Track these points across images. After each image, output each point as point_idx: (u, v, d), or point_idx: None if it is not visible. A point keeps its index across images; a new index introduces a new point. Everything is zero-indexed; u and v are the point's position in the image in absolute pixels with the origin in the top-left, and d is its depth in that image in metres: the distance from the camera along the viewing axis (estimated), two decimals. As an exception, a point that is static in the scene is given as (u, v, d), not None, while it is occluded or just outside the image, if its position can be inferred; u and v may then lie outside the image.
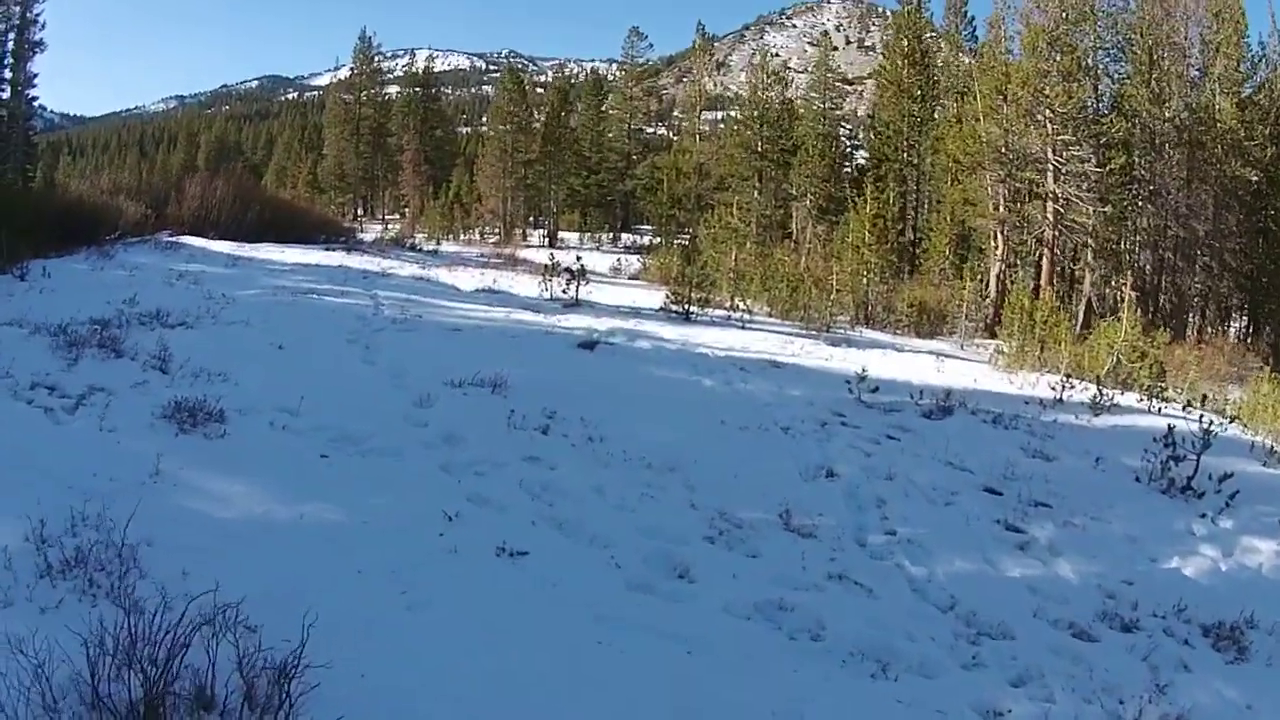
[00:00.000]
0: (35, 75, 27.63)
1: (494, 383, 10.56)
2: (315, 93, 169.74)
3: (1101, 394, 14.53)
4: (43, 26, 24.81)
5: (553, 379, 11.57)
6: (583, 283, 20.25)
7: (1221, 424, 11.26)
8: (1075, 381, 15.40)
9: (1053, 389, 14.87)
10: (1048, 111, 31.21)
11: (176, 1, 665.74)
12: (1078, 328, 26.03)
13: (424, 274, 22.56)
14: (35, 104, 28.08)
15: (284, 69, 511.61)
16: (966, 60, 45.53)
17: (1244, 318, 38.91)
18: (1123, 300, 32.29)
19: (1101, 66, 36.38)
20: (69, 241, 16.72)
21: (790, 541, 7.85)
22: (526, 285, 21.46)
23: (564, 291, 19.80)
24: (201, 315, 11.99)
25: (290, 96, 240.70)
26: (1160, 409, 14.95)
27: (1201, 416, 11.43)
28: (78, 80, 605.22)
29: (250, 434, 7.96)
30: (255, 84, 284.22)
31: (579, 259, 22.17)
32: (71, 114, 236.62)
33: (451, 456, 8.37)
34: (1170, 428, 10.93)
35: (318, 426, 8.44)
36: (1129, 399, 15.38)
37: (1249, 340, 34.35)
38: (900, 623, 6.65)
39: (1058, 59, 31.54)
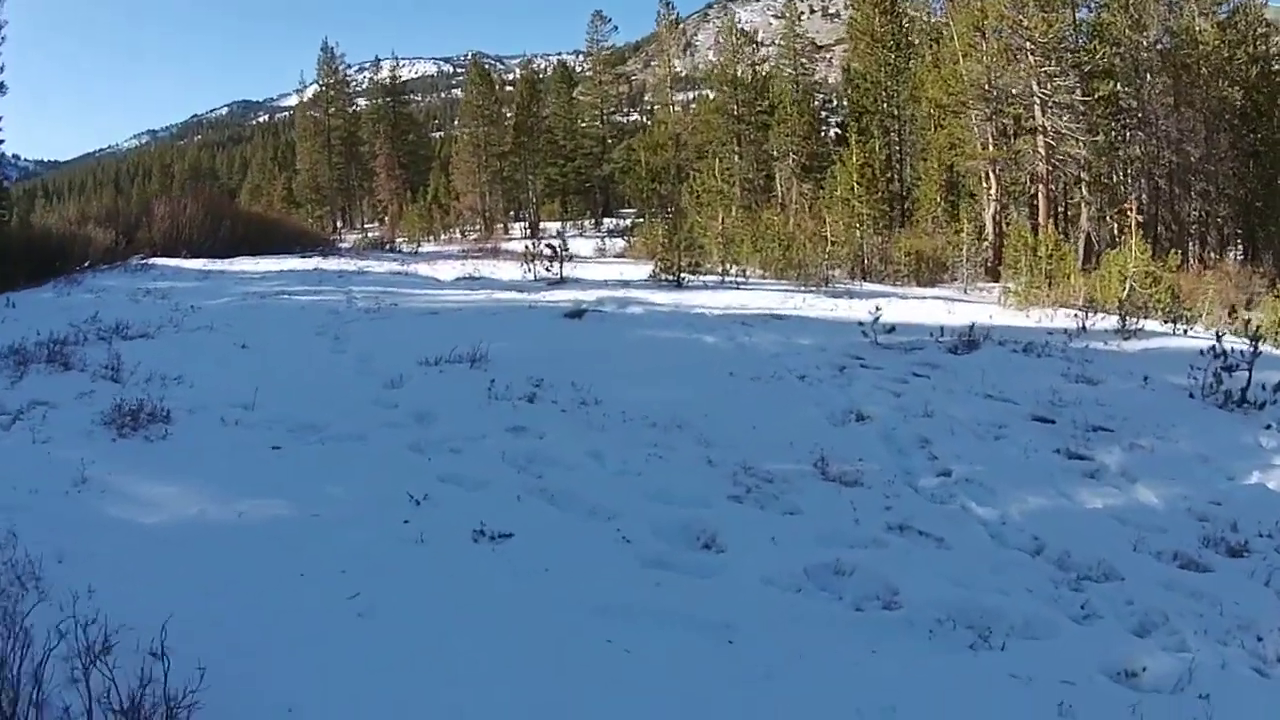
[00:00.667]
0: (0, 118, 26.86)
1: (472, 357, 9.50)
2: (286, 113, 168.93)
3: (1125, 320, 13.97)
4: (1, 69, 23.92)
5: (538, 349, 10.52)
6: (567, 260, 19.41)
7: (1253, 342, 10.35)
8: (1091, 313, 14.65)
9: (1076, 317, 14.18)
10: (1028, 44, 30.51)
11: (139, 38, 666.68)
12: (1079, 263, 25.18)
13: (402, 269, 21.88)
14: (1, 146, 27.16)
15: (253, 93, 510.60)
16: (937, 5, 45.12)
17: (1239, 245, 38.45)
18: (1122, 233, 32.06)
19: (1077, -5, 35.17)
20: (37, 274, 15.97)
21: (833, 492, 6.75)
22: (509, 271, 20.71)
23: (548, 270, 18.85)
24: (164, 325, 11.17)
25: (262, 120, 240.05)
26: (1186, 331, 14.32)
27: (1234, 333, 10.72)
28: (49, 127, 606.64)
29: (196, 432, 7.03)
30: (225, 111, 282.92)
31: (563, 240, 21.20)
32: (45, 160, 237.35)
33: (423, 435, 7.28)
34: (1219, 335, 10.43)
35: (274, 419, 7.49)
36: (1151, 325, 14.69)
37: (1250, 265, 33.61)
38: (986, 576, 5.55)
39: (1033, -12, 30.47)
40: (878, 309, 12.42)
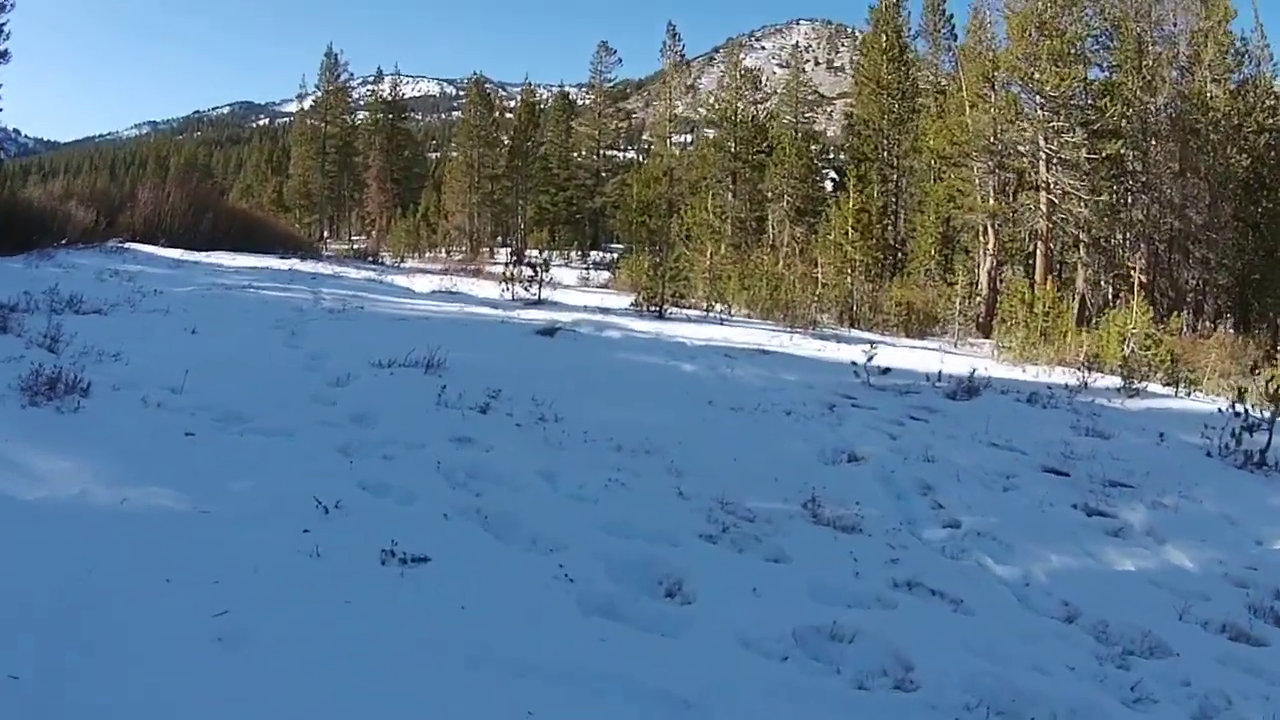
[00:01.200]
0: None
1: (429, 363, 8.60)
2: (286, 119, 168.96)
3: (1129, 379, 13.66)
4: (7, 36, 23.24)
5: (502, 362, 9.62)
6: (548, 284, 18.68)
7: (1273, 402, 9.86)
8: (1090, 371, 14.45)
9: (1076, 374, 13.86)
10: (1038, 98, 29.92)
11: (150, 20, 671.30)
12: (1072, 324, 24.81)
13: (378, 278, 21.13)
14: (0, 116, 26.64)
15: (256, 95, 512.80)
16: (945, 58, 44.80)
17: (1230, 316, 38.17)
18: (1117, 296, 31.70)
19: (1090, 54, 34.98)
20: (14, 247, 15.44)
21: (827, 538, 5.81)
22: (488, 289, 19.96)
23: (526, 291, 18.06)
24: (120, 304, 10.45)
25: (262, 122, 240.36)
26: (1188, 394, 14.19)
27: (1242, 396, 10.19)
28: (53, 104, 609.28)
29: (112, 410, 6.18)
30: (228, 110, 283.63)
31: (545, 260, 20.49)
32: (46, 139, 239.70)
33: (356, 437, 6.35)
34: (1241, 392, 10.21)
35: (201, 405, 6.62)
36: (1153, 387, 14.36)
37: (1244, 336, 33.30)
38: (1016, 647, 4.62)
39: (1047, 43, 30.34)
40: (872, 347, 11.71)
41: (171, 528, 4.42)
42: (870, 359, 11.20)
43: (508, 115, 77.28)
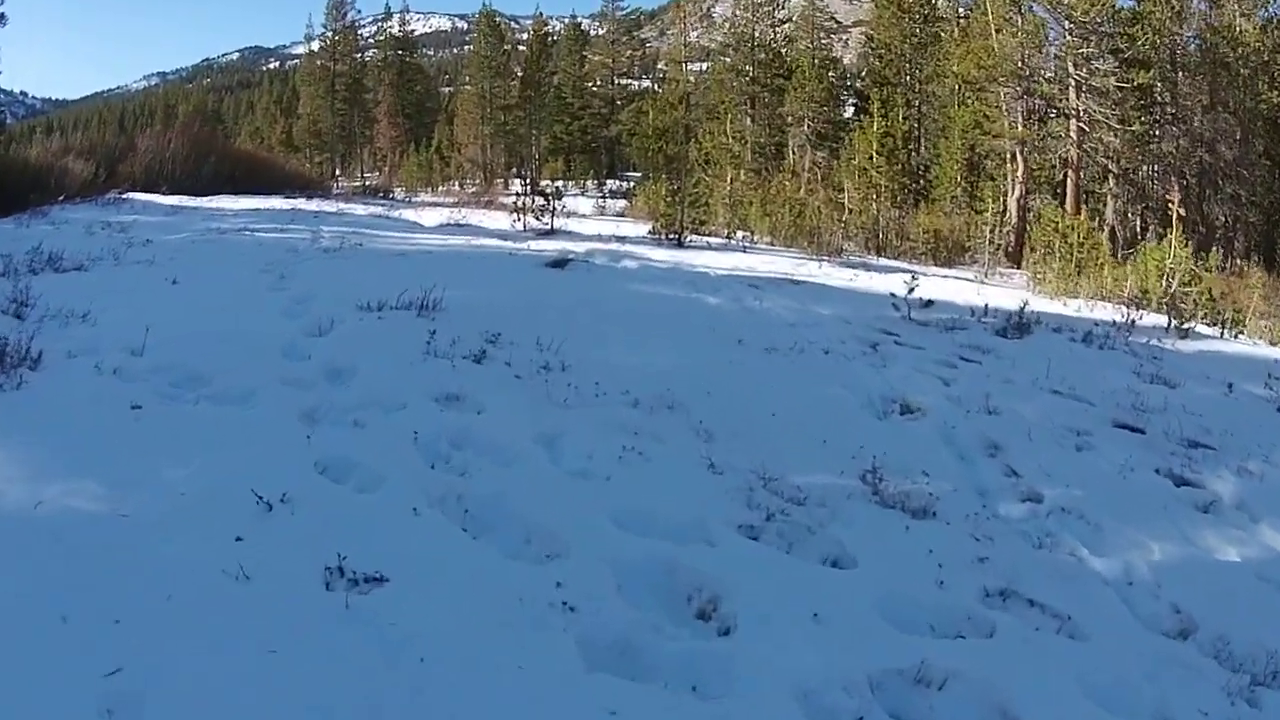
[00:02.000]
0: (-3, 47, 25.66)
1: (423, 304, 7.71)
2: (296, 61, 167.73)
3: (1181, 319, 12.85)
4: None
5: (505, 299, 8.75)
6: (561, 214, 17.88)
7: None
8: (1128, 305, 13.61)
9: (1120, 310, 12.90)
10: (1066, 22, 29.17)
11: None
12: (1107, 256, 23.92)
13: (386, 213, 20.65)
14: None
15: (266, 40, 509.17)
16: None
17: (1260, 254, 37.29)
18: (1145, 229, 30.74)
19: (1118, -21, 33.76)
20: (10, 205, 15.10)
21: (895, 526, 4.82)
22: (499, 221, 19.25)
23: (538, 221, 17.24)
24: (103, 258, 9.81)
25: (272, 66, 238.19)
26: (1236, 336, 13.43)
27: None
28: (60, 65, 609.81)
29: (61, 382, 5.40)
30: (237, 56, 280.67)
31: (557, 188, 19.61)
32: (54, 98, 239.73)
33: (326, 398, 5.43)
34: None
35: (160, 367, 5.80)
36: (1200, 327, 13.52)
37: (1273, 275, 32.50)
38: (1141, 687, 3.70)
39: (1074, -35, 29.10)
40: (914, 279, 10.73)
41: (85, 539, 3.58)
42: (911, 291, 10.32)
43: (519, 48, 76.16)
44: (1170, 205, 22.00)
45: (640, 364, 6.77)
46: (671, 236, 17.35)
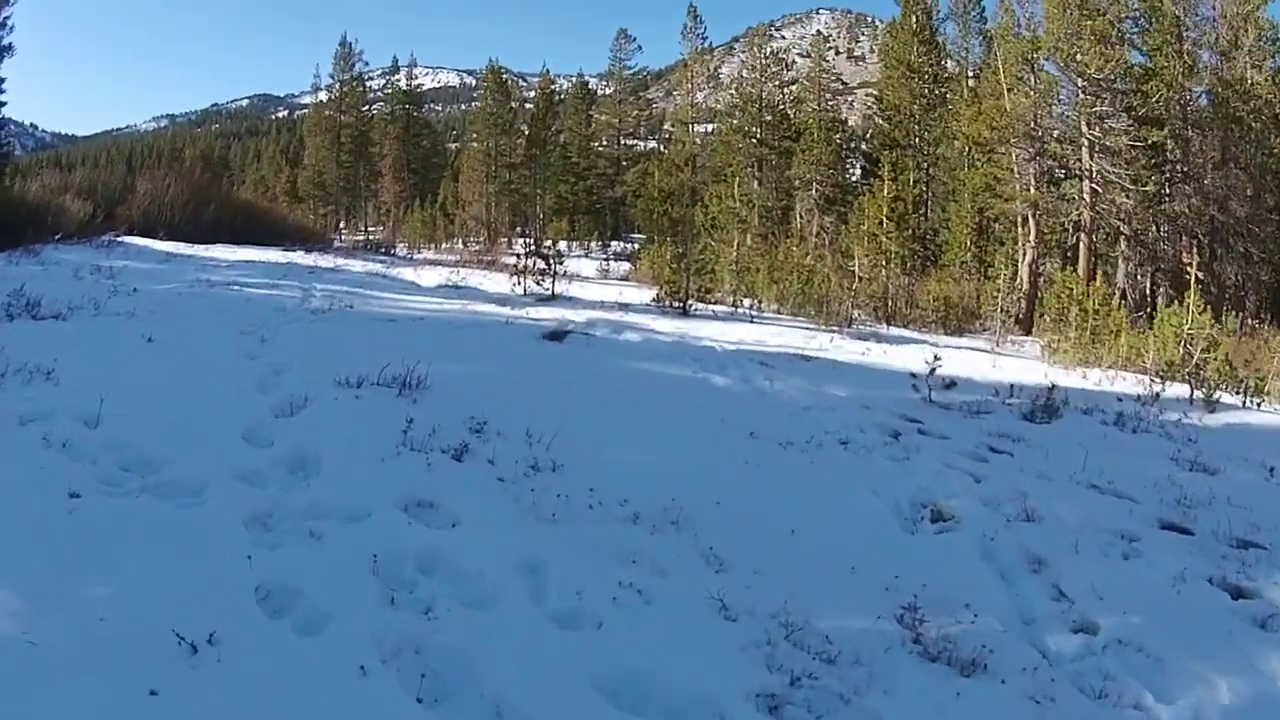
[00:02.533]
0: (2, 80, 25.54)
1: (405, 381, 7.11)
2: (304, 110, 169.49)
3: (1206, 390, 12.31)
4: (11, 30, 22.65)
5: (496, 376, 8.16)
6: (561, 273, 17.53)
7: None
8: (1151, 378, 13.18)
9: (1144, 383, 12.71)
10: (1080, 80, 28.87)
11: (168, 18, 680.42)
12: (1125, 323, 23.42)
13: (383, 271, 20.56)
14: (3, 109, 26.05)
15: (275, 88, 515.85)
16: (975, 42, 43.64)
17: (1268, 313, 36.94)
18: (1154, 292, 30.26)
19: (1129, 36, 33.64)
20: (2, 242, 15.08)
21: (944, 691, 4.06)
22: (499, 283, 19.03)
23: (539, 285, 16.77)
24: (83, 307, 9.63)
25: (281, 114, 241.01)
26: (1259, 405, 12.83)
27: None
28: (71, 97, 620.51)
29: (6, 454, 5.01)
30: (246, 102, 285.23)
31: (558, 251, 19.10)
32: (64, 133, 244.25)
33: (281, 500, 4.80)
34: None
35: (112, 444, 5.38)
36: (1225, 397, 12.96)
37: (1287, 333, 32.10)
38: None
39: (1089, 23, 29.00)
40: (936, 358, 10.08)
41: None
42: (932, 371, 9.75)
43: (526, 105, 76.39)
44: (1184, 267, 21.63)
45: (641, 463, 6.16)
46: (676, 305, 17.11)
